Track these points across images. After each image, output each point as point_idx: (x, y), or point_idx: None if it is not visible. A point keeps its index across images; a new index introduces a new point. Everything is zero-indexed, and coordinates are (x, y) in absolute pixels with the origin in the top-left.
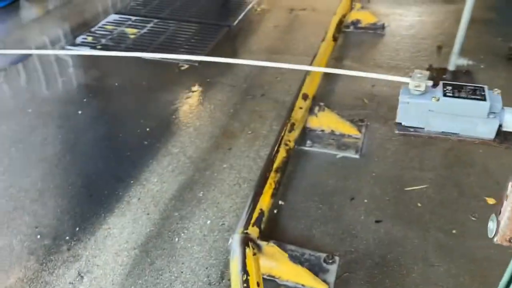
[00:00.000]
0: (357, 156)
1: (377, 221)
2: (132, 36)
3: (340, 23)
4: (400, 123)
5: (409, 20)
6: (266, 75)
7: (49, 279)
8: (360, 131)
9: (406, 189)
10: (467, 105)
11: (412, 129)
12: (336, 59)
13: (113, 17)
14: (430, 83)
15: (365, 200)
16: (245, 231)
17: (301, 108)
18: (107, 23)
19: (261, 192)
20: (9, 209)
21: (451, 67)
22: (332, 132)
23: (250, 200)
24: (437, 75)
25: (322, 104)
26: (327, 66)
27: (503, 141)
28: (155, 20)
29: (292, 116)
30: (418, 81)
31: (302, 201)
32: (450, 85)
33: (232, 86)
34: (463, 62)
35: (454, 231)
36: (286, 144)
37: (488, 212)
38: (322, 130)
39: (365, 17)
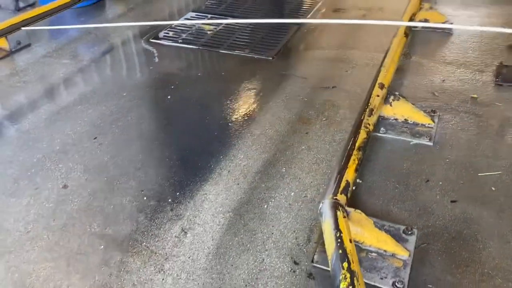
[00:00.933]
0: (430, 144)
1: (452, 201)
2: (209, 32)
3: (411, 20)
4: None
5: (478, 21)
6: (336, 69)
7: (157, 232)
8: (433, 120)
9: (480, 174)
10: None
11: None
12: (405, 55)
13: (190, 14)
14: None
15: (440, 183)
16: (334, 197)
17: (378, 96)
18: (185, 19)
19: (346, 166)
20: (117, 175)
21: None
22: (406, 121)
23: (336, 172)
24: (507, 71)
25: (397, 93)
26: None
27: None
28: (230, 18)
29: (370, 102)
30: None
31: (379, 181)
32: None
33: (305, 78)
34: None
35: None
36: (366, 127)
37: None
38: (396, 119)
39: (434, 17)
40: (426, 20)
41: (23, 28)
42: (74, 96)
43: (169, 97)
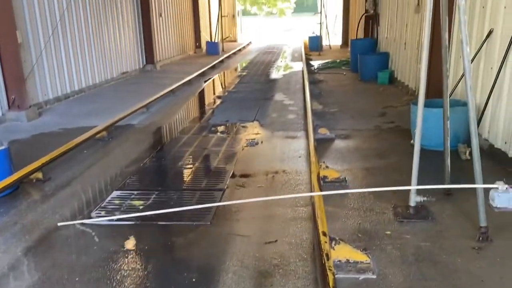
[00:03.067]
0: (374, 276)
1: None
2: (141, 207)
3: (319, 178)
4: None
5: (361, 173)
6: (272, 223)
7: None
8: (368, 257)
9: None
10: None
11: None
12: None
13: (116, 193)
14: None
15: None
16: None
17: (326, 242)
18: (113, 199)
19: None
20: None
21: (412, 203)
22: (348, 261)
23: None
24: (401, 210)
25: (337, 238)
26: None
27: None
28: (155, 192)
29: (323, 248)
30: None
31: None
32: None
33: (248, 236)
34: (420, 199)
35: None
36: (330, 270)
37: None
38: (339, 260)
39: (331, 173)
40: (325, 177)
41: None
42: None
43: (124, 274)
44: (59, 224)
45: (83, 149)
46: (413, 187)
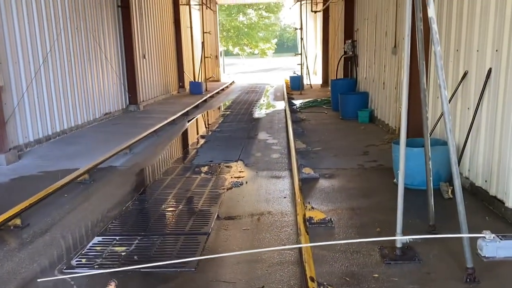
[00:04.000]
0: None
1: None
2: (123, 254)
3: (305, 220)
4: None
5: (346, 213)
6: (257, 269)
7: None
8: None
9: None
10: None
11: None
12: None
13: (97, 239)
14: None
15: None
16: None
17: (313, 287)
18: (94, 245)
19: None
20: None
21: (398, 244)
22: None
23: None
24: (388, 252)
25: (325, 283)
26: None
27: None
28: (138, 236)
29: None
30: None
31: None
32: None
33: (233, 283)
34: (407, 239)
35: None
36: None
37: None
38: None
39: (316, 214)
40: (311, 218)
41: None
42: None
43: None
44: (38, 280)
45: (64, 193)
46: (398, 237)
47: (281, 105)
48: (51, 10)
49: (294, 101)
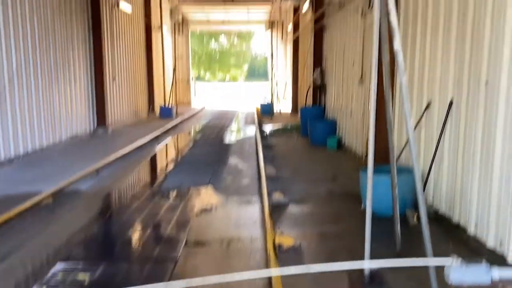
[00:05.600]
0: None
1: None
2: (86, 282)
3: (275, 247)
4: None
5: (316, 239)
6: None
7: None
8: None
9: None
10: None
11: None
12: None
13: (59, 265)
14: None
15: None
16: None
17: None
18: (56, 272)
19: None
20: None
21: (366, 271)
22: None
23: None
24: (357, 278)
25: None
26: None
27: None
28: (103, 263)
29: None
30: None
31: None
32: None
33: None
34: (374, 266)
35: None
36: None
37: None
38: None
39: (286, 241)
40: (280, 245)
41: None
42: None
43: None
44: None
45: (26, 218)
46: (366, 264)
47: (251, 130)
48: (19, 29)
49: (264, 127)
